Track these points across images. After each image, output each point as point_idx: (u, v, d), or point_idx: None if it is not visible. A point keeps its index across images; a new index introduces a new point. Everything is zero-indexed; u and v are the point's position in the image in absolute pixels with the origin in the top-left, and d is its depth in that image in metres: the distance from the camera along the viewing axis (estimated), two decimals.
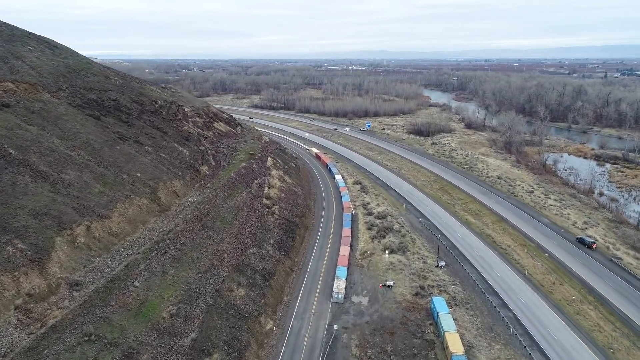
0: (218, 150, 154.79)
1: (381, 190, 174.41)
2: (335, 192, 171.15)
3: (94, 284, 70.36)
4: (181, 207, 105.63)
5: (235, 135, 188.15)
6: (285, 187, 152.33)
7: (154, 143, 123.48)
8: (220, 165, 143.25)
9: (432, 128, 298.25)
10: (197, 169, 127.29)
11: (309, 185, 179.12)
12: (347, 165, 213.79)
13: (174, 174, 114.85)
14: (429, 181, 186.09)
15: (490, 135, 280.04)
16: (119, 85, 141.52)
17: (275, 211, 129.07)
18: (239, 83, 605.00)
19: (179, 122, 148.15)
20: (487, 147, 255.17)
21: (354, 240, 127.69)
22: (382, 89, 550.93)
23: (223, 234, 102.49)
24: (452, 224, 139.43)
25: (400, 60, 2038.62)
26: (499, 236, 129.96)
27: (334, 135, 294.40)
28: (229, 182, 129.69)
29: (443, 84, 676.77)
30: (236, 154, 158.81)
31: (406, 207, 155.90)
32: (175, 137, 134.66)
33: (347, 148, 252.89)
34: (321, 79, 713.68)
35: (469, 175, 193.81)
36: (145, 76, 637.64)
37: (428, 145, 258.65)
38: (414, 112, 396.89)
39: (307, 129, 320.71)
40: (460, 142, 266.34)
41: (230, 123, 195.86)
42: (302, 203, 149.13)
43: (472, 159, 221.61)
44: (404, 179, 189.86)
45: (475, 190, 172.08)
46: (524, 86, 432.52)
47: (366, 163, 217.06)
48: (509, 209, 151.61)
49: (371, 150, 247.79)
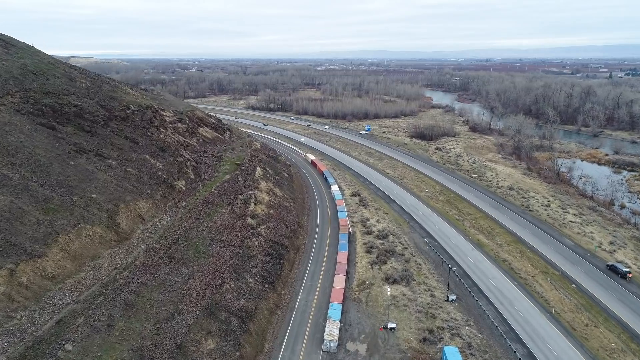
0: (200, 160, 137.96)
1: (382, 203, 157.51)
2: (331, 205, 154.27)
3: (7, 353, 53.60)
4: (145, 234, 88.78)
5: (222, 142, 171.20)
6: (274, 201, 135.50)
7: (121, 155, 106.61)
8: (200, 178, 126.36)
9: (436, 131, 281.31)
10: (171, 184, 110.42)
11: (303, 198, 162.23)
12: (345, 174, 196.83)
13: (140, 193, 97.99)
14: (434, 192, 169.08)
15: (498, 140, 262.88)
16: (86, 88, 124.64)
17: (261, 232, 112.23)
18: (235, 83, 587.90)
19: (155, 129, 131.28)
20: (494, 152, 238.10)
21: (351, 266, 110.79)
22: (382, 89, 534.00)
23: (194, 267, 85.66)
24: (462, 246, 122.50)
25: (400, 60, 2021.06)
26: (517, 261, 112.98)
27: (331, 139, 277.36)
28: (208, 199, 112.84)
29: (445, 84, 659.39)
30: (221, 164, 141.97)
31: (410, 223, 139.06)
32: (148, 147, 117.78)
33: (345, 154, 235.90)
34: (320, 79, 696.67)
35: (478, 185, 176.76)
36: (141, 76, 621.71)
37: (432, 150, 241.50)
38: (416, 114, 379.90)
39: (304, 132, 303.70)
40: (465, 146, 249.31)
41: (217, 128, 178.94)
42: (293, 220, 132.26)
43: (480, 167, 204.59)
44: (407, 189, 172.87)
45: (486, 203, 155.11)
46: (529, 87, 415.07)
47: (365, 171, 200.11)
48: (525, 226, 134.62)
49: (371, 156, 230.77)
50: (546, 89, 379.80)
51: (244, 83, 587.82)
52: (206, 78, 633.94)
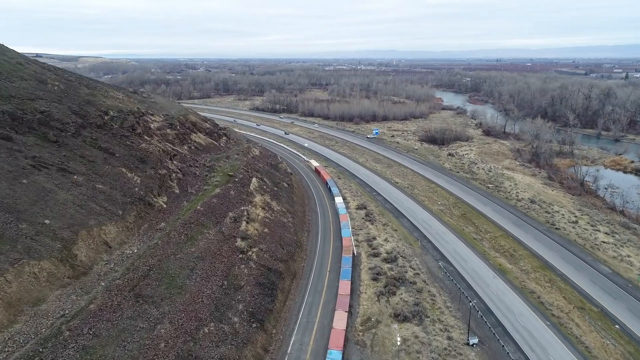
0: (188, 171, 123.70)
1: (390, 218, 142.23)
2: (334, 220, 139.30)
3: None
4: (109, 267, 74.50)
5: (216, 149, 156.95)
6: (271, 218, 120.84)
7: (91, 169, 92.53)
8: (186, 193, 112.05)
9: (448, 135, 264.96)
10: (149, 202, 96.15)
11: (304, 210, 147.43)
12: (350, 182, 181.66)
13: (109, 215, 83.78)
14: (447, 205, 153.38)
15: (514, 145, 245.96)
16: (58, 91, 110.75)
17: (252, 257, 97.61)
18: (241, 84, 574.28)
19: (138, 137, 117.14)
20: (511, 159, 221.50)
21: (355, 297, 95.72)
22: (391, 90, 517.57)
23: (166, 307, 71.21)
24: (481, 272, 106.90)
25: (409, 59, 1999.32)
26: (547, 293, 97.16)
27: (337, 143, 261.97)
28: (192, 218, 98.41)
29: (456, 84, 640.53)
30: (212, 175, 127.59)
31: (421, 243, 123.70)
32: (125, 159, 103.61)
33: (351, 160, 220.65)
34: (328, 79, 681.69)
35: (496, 197, 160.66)
36: (147, 76, 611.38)
37: (444, 156, 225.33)
38: (426, 116, 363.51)
39: (309, 135, 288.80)
40: (480, 152, 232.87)
41: (211, 134, 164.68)
42: (291, 239, 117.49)
43: (497, 175, 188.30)
44: (418, 202, 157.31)
45: (506, 219, 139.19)
46: (544, 88, 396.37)
47: (373, 179, 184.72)
48: (552, 248, 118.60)
49: (379, 162, 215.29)
50: (563, 91, 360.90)
51: (250, 83, 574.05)
52: (212, 78, 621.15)
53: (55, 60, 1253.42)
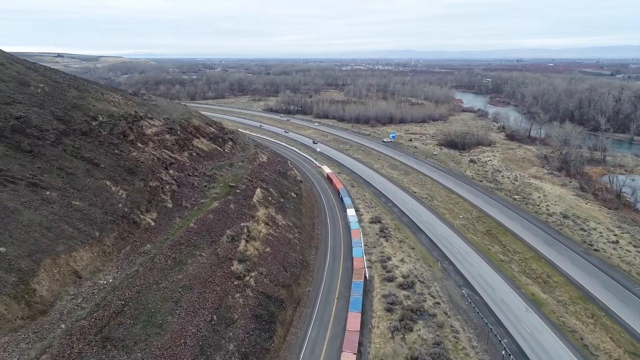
0: (186, 182, 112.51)
1: (407, 234, 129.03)
2: (346, 234, 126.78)
3: None
4: (75, 303, 63.36)
5: (220, 156, 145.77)
6: (274, 234, 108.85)
7: (69, 183, 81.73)
8: (180, 207, 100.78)
9: (469, 140, 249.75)
10: (134, 220, 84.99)
11: (313, 223, 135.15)
12: (364, 191, 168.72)
13: (83, 237, 72.75)
14: (470, 219, 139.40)
15: (540, 151, 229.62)
16: (41, 94, 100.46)
17: (249, 283, 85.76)
18: (256, 84, 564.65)
19: (129, 145, 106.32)
20: (538, 166, 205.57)
21: (365, 334, 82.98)
22: (409, 91, 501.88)
23: (139, 353, 59.70)
24: (511, 302, 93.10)
25: (427, 59, 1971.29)
26: (590, 332, 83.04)
27: (352, 147, 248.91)
28: (182, 238, 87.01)
29: (476, 85, 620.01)
30: (211, 186, 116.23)
31: (442, 264, 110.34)
32: (111, 170, 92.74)
33: (366, 166, 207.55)
34: (345, 79, 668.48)
35: (524, 211, 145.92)
36: (162, 76, 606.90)
37: (465, 163, 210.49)
38: (446, 119, 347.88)
39: (323, 138, 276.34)
40: (503, 158, 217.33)
41: (216, 139, 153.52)
42: (296, 258, 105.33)
43: (523, 185, 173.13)
44: (438, 214, 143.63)
45: (537, 237, 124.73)
46: (571, 90, 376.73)
47: (389, 189, 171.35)
48: (592, 274, 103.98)
49: (395, 169, 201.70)
50: (592, 92, 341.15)
51: (265, 83, 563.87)
52: (227, 78, 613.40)
53: (77, 60, 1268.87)
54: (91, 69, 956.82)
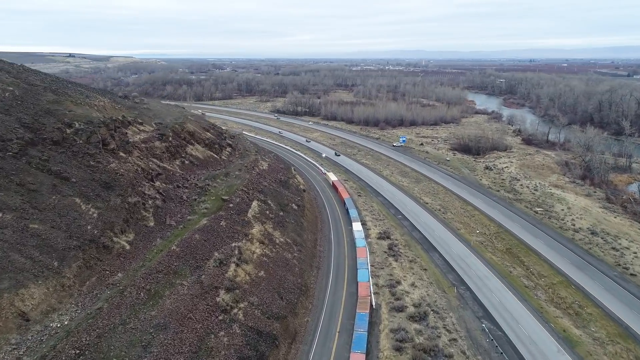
0: (173, 196, 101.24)
1: (419, 252, 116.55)
2: (351, 253, 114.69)
3: None
4: (16, 355, 52.03)
5: (216, 164, 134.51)
6: (270, 255, 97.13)
7: (29, 202, 70.69)
8: (164, 226, 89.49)
9: (483, 144, 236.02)
10: (104, 244, 73.71)
11: (315, 239, 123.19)
12: (372, 201, 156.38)
13: (38, 269, 61.61)
14: (488, 236, 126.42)
15: (560, 157, 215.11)
16: (9, 98, 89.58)
17: (237, 316, 74.09)
18: (264, 84, 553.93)
19: (110, 154, 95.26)
20: (558, 174, 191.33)
21: None
22: (420, 92, 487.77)
23: None
24: (540, 340, 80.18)
25: (438, 60, 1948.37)
26: None
27: (360, 152, 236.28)
28: (161, 264, 75.64)
29: (489, 86, 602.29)
30: (201, 200, 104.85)
31: (458, 290, 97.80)
32: (84, 184, 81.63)
33: (374, 172, 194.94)
34: (354, 79, 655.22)
35: (547, 226, 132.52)
36: (170, 76, 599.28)
37: (480, 170, 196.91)
38: (458, 121, 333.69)
39: (330, 142, 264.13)
40: (521, 165, 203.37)
41: (212, 145, 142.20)
42: (294, 282, 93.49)
43: (545, 195, 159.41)
44: (452, 230, 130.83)
45: (563, 258, 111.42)
46: (590, 91, 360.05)
47: (399, 199, 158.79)
48: (632, 305, 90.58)
49: (406, 176, 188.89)
50: (612, 94, 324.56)
51: (273, 84, 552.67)
52: (235, 79, 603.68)
53: (88, 59, 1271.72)
54: (102, 69, 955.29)
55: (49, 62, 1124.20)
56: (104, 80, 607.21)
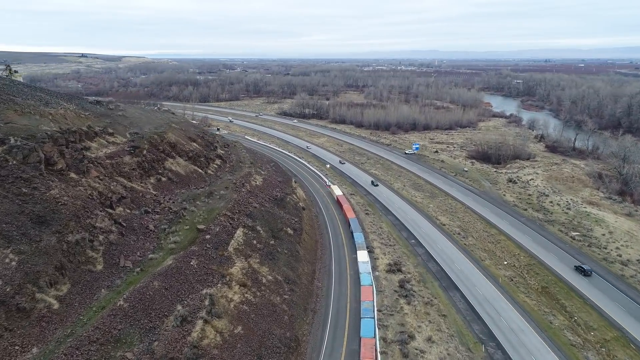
0: (136, 225, 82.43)
1: (436, 290, 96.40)
2: (354, 293, 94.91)
3: None
4: None
5: (200, 180, 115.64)
6: (252, 302, 77.70)
7: None
8: (116, 269, 70.63)
9: (504, 152, 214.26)
10: (18, 306, 54.86)
11: (312, 271, 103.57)
12: (381, 221, 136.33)
13: None
14: (519, 269, 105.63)
15: (591, 167, 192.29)
16: None
17: None
18: (272, 85, 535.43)
19: (56, 176, 76.67)
20: (591, 187, 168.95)
21: None
22: (433, 93, 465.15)
23: None
24: None
25: (452, 60, 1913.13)
26: None
27: (369, 160, 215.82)
28: (97, 330, 56.71)
29: (505, 87, 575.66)
30: (171, 230, 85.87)
31: (486, 348, 77.50)
32: (6, 221, 62.98)
33: (385, 185, 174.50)
34: (365, 80, 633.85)
35: (588, 257, 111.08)
36: (176, 77, 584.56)
37: (503, 183, 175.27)
38: (475, 125, 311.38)
39: (337, 148, 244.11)
40: (548, 177, 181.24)
41: (197, 158, 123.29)
42: (281, 337, 73.92)
43: (579, 215, 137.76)
44: (475, 260, 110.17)
45: (614, 303, 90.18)
46: (616, 93, 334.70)
47: (411, 217, 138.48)
48: None
49: (419, 189, 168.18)
50: None
51: (282, 85, 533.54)
52: (243, 79, 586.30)
53: (100, 60, 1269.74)
54: (113, 69, 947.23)
55: (61, 62, 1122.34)
56: (111, 81, 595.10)
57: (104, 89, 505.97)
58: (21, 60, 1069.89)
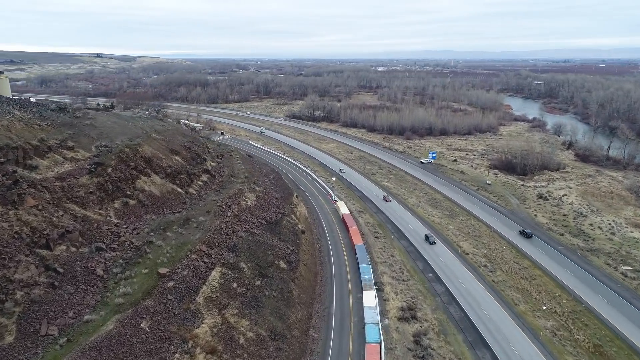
0: (79, 270, 64.46)
1: (460, 347, 76.55)
2: (357, 351, 75.60)
3: None
4: None
5: (178, 202, 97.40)
6: None
7: None
8: (34, 339, 52.58)
9: (530, 161, 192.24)
10: None
11: (308, 318, 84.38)
12: (393, 247, 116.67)
13: None
14: (562, 317, 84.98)
15: (632, 181, 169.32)
16: None
17: None
18: (282, 86, 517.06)
19: None
20: (634, 205, 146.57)
21: None
22: (450, 95, 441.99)
23: None
24: None
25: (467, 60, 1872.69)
26: None
27: (380, 170, 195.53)
28: None
29: (526, 89, 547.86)
30: (125, 274, 67.59)
31: None
32: None
33: (398, 201, 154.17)
34: (379, 81, 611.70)
35: None
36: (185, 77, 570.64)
37: (532, 199, 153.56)
38: (496, 130, 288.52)
39: (347, 155, 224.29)
40: (583, 192, 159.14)
41: (176, 175, 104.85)
42: None
43: (627, 242, 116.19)
44: (508, 305, 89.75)
45: None
46: None
47: (428, 244, 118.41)
48: None
49: (437, 207, 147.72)
50: None
51: (293, 85, 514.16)
52: (254, 79, 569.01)
53: (114, 60, 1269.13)
54: (126, 69, 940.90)
55: (77, 62, 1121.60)
56: (121, 81, 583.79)
57: (113, 89, 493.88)
58: (37, 60, 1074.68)
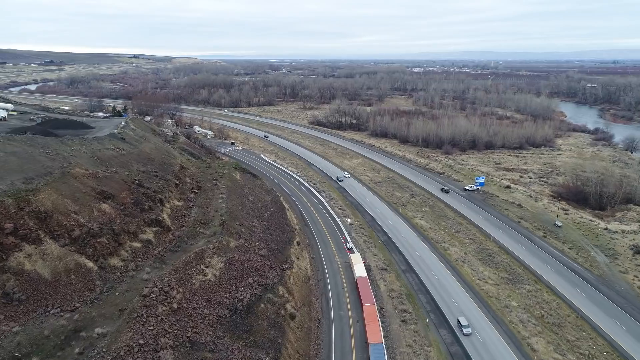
0: None
1: None
2: None
3: None
4: None
5: (80, 288, 60.05)
6: None
7: None
8: None
9: (609, 189, 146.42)
10: None
11: None
12: (426, 344, 76.12)
13: None
14: None
15: None
16: None
17: None
18: (309, 88, 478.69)
19: None
20: None
21: None
22: (494, 100, 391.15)
23: None
24: None
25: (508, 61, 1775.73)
26: None
27: (413, 198, 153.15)
28: None
29: (579, 93, 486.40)
30: None
31: None
32: None
33: (435, 252, 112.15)
34: (415, 83, 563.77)
35: None
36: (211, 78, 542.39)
37: (625, 256, 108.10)
38: (552, 143, 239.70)
39: (372, 175, 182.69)
40: None
41: (90, 238, 67.32)
42: None
43: None
44: None
45: None
46: None
47: (486, 336, 76.98)
48: None
49: (490, 263, 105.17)
50: None
51: (321, 88, 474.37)
52: (281, 81, 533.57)
53: (151, 61, 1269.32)
54: (160, 70, 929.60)
55: (114, 62, 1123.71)
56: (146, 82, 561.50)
57: (136, 90, 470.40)
58: (76, 61, 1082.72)
